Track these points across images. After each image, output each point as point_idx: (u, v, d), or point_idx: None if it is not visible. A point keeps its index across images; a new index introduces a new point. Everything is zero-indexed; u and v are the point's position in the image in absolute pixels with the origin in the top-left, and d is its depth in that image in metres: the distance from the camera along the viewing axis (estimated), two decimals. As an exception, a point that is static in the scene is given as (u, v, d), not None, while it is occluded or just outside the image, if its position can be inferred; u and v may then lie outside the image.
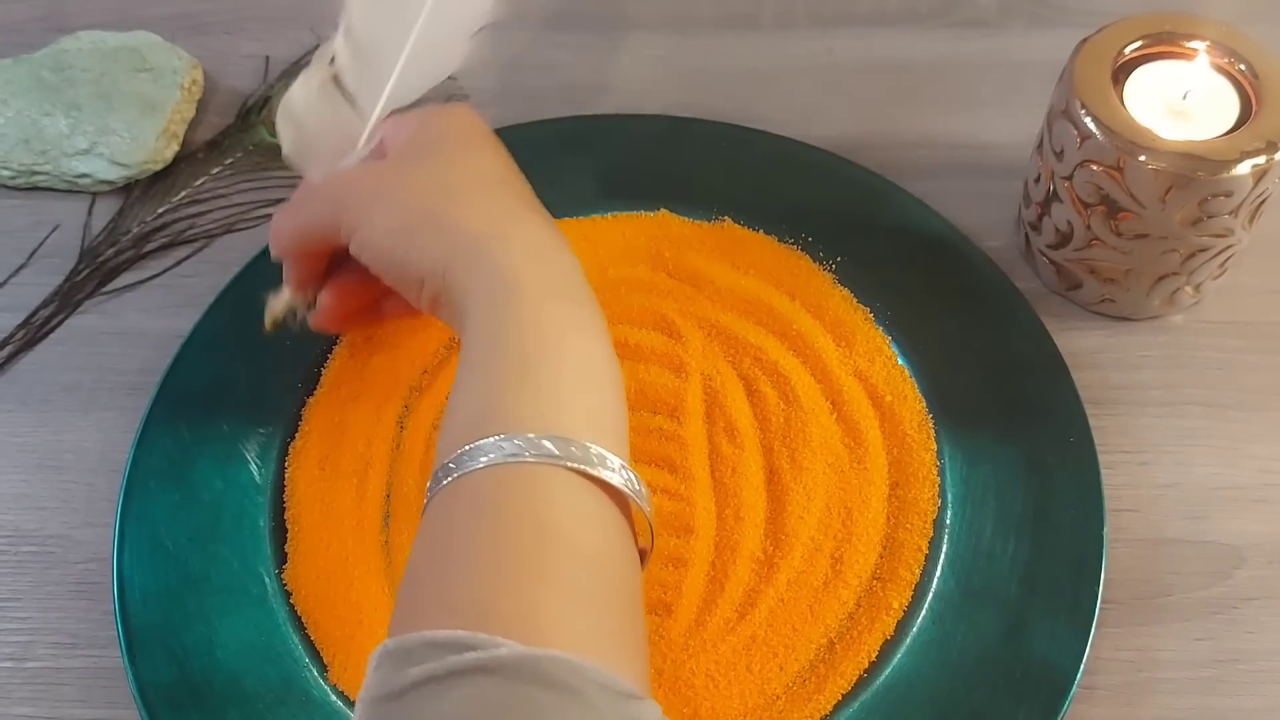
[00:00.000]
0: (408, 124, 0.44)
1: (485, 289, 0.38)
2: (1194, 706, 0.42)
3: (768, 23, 0.64)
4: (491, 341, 0.37)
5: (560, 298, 0.38)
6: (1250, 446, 0.48)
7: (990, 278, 0.50)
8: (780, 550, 0.44)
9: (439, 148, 0.43)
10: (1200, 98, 0.47)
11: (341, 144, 0.44)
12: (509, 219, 0.40)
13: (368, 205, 0.41)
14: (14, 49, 0.60)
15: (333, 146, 0.44)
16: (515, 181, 0.43)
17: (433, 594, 0.33)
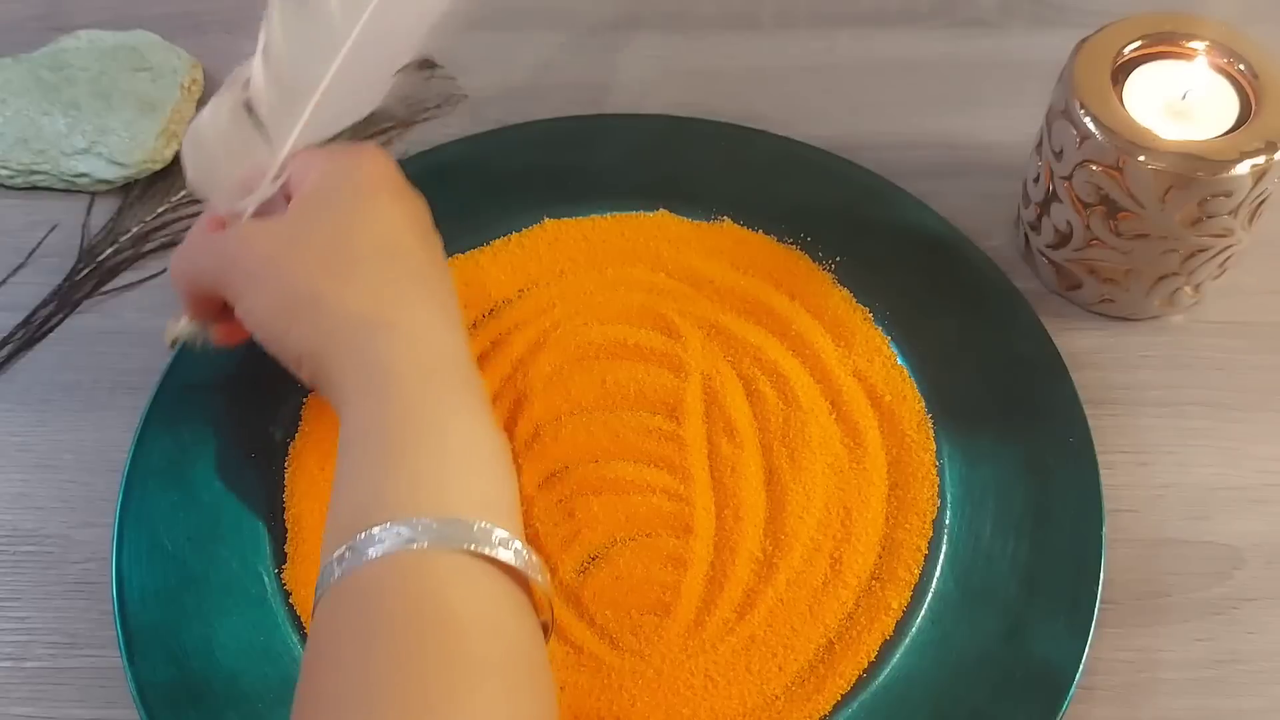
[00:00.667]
0: (315, 163, 0.42)
1: (363, 376, 0.38)
2: (1194, 707, 0.42)
3: (768, 23, 0.64)
4: (370, 430, 0.37)
5: (440, 381, 0.38)
6: (1250, 447, 0.48)
7: (990, 278, 0.50)
8: (779, 550, 0.44)
9: (339, 202, 0.41)
10: (1200, 98, 0.47)
11: (248, 177, 0.42)
12: (393, 301, 0.39)
13: (253, 277, 0.40)
14: (13, 48, 0.60)
15: (239, 179, 0.42)
16: (413, 246, 0.42)
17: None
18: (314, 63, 0.42)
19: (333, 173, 0.42)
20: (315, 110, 0.42)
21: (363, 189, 0.42)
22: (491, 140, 0.56)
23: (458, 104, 0.60)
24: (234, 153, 0.42)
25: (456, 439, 0.37)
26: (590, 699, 0.41)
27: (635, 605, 0.43)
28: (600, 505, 0.45)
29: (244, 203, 0.42)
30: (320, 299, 0.39)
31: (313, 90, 0.42)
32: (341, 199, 0.41)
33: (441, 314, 0.40)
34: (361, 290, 0.39)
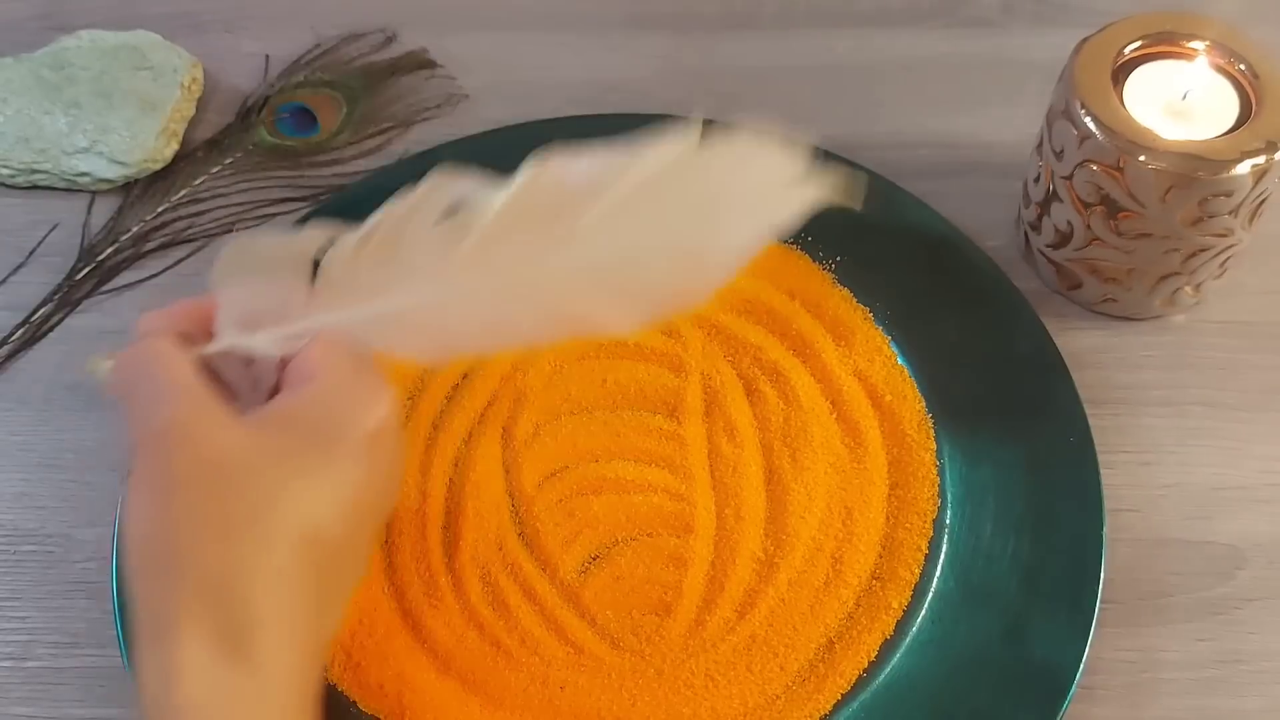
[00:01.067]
0: (329, 367, 0.35)
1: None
2: (1195, 707, 0.42)
3: (768, 23, 0.64)
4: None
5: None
6: (1252, 447, 0.48)
7: (990, 277, 0.50)
8: (780, 550, 0.44)
9: (308, 456, 0.33)
10: (1200, 98, 0.47)
11: (267, 312, 0.36)
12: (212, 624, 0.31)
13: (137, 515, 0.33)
14: (14, 48, 0.60)
15: (262, 307, 0.36)
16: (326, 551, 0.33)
17: None
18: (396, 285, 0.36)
19: (334, 402, 0.35)
20: (376, 319, 0.36)
21: (344, 444, 0.34)
22: (491, 140, 0.56)
23: (458, 104, 0.60)
24: (271, 291, 0.36)
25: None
26: (590, 699, 0.41)
27: (636, 605, 0.43)
28: (600, 505, 0.45)
29: (238, 340, 0.36)
30: (152, 632, 0.32)
31: (379, 300, 0.36)
32: (315, 448, 0.34)
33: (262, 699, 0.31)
34: (197, 651, 0.31)
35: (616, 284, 0.36)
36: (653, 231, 0.35)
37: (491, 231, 0.35)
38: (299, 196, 0.56)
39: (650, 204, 0.35)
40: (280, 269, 0.36)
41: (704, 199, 0.36)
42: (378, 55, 0.62)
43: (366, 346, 0.36)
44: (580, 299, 0.36)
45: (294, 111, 0.59)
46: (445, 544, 0.44)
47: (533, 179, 0.35)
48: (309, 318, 0.36)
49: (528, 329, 0.37)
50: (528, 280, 0.36)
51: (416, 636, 0.42)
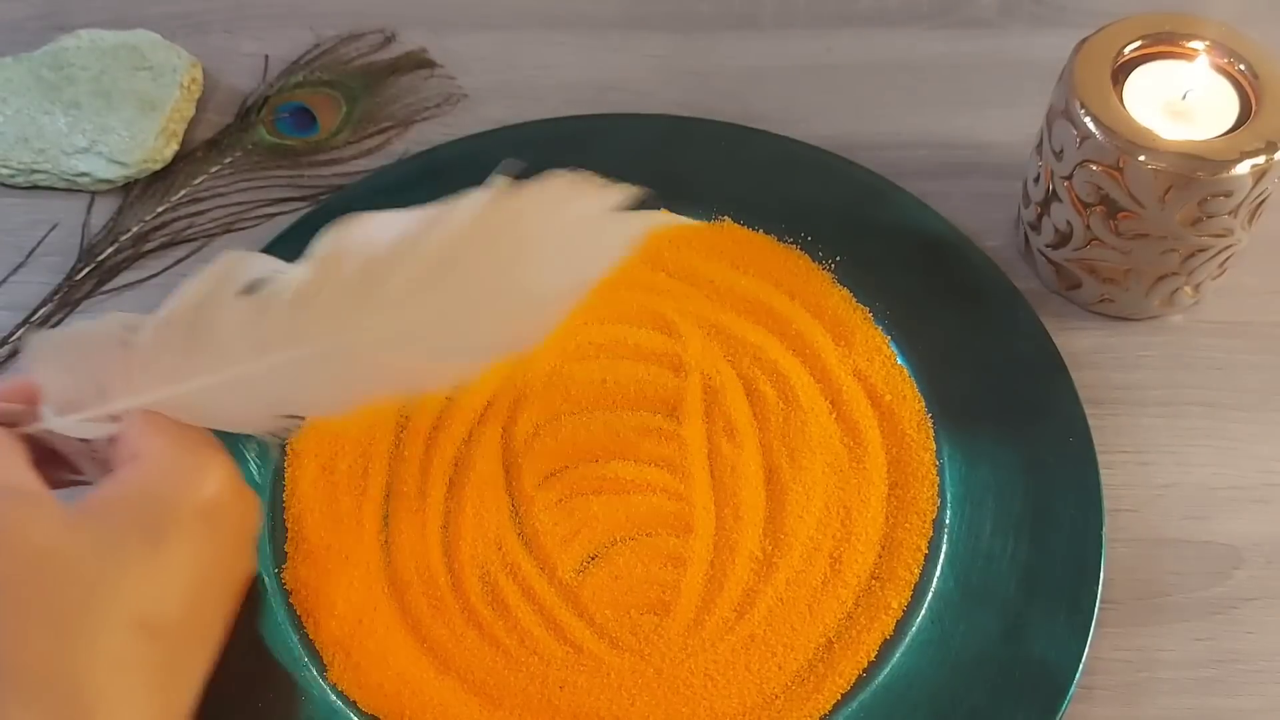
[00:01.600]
0: (154, 442, 0.35)
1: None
2: (1193, 707, 0.42)
3: (768, 23, 0.64)
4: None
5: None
6: (1250, 447, 0.48)
7: (990, 278, 0.50)
8: (779, 550, 0.44)
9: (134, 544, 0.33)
10: (1200, 98, 0.47)
11: (87, 394, 0.36)
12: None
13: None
14: (13, 47, 0.60)
15: (78, 388, 0.36)
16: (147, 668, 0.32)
17: None
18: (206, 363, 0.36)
19: (158, 480, 0.34)
20: (188, 395, 0.36)
21: (173, 524, 0.34)
22: (491, 140, 0.56)
23: (458, 104, 0.60)
24: (90, 371, 0.36)
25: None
26: (590, 699, 0.41)
27: (635, 605, 0.43)
28: (600, 505, 0.45)
29: (60, 422, 0.35)
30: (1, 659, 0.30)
31: (191, 378, 0.36)
32: (142, 531, 0.33)
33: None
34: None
35: (435, 342, 0.35)
36: (468, 285, 0.35)
37: (299, 300, 0.35)
38: (299, 196, 0.56)
39: (462, 257, 0.35)
40: (93, 353, 0.36)
41: (518, 246, 0.35)
42: (377, 55, 0.62)
43: (189, 420, 0.36)
44: (398, 361, 0.35)
45: (293, 111, 0.59)
46: (445, 544, 0.45)
47: (336, 244, 0.35)
48: (129, 396, 0.36)
49: (346, 394, 0.37)
50: (341, 346, 0.35)
51: (416, 636, 0.42)
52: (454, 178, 0.54)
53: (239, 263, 0.35)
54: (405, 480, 0.46)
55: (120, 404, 0.35)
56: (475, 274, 0.35)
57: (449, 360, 0.36)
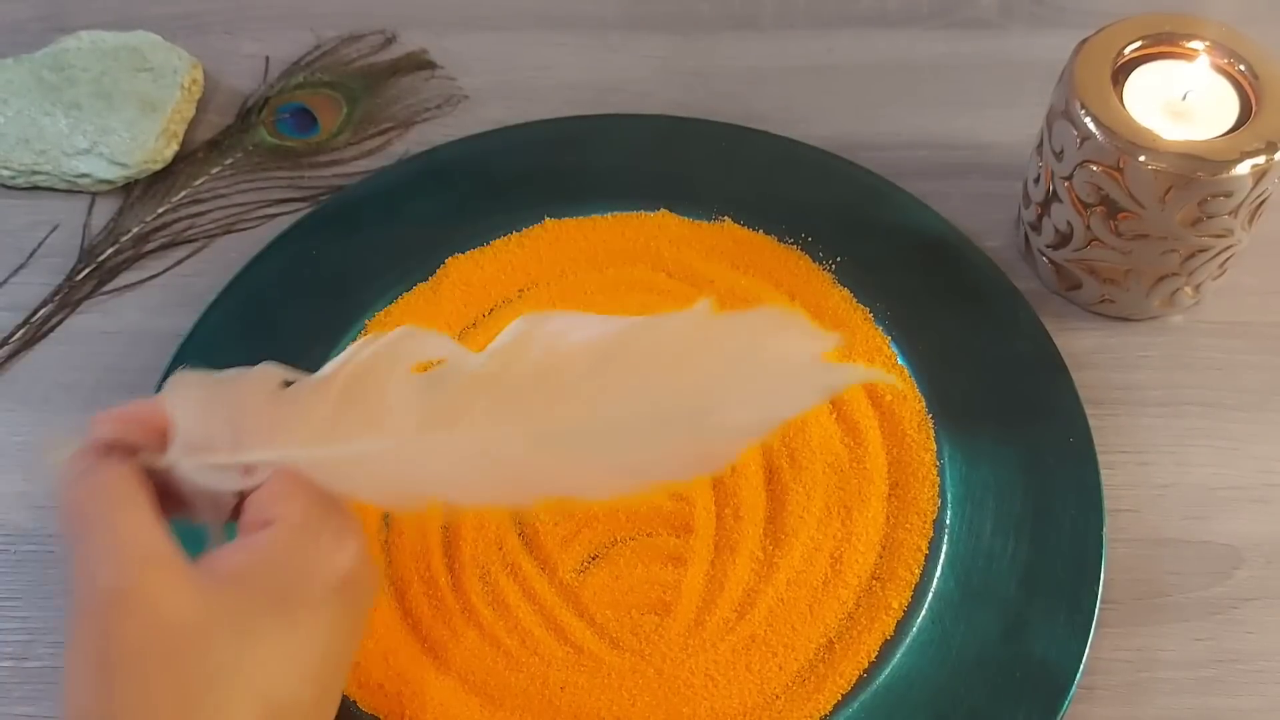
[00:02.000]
0: (294, 504, 0.33)
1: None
2: (1193, 706, 0.42)
3: (768, 23, 0.64)
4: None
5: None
6: (1249, 447, 0.48)
7: (990, 278, 0.50)
8: (780, 549, 0.44)
9: (268, 614, 0.31)
10: (1200, 98, 0.47)
11: (221, 439, 0.33)
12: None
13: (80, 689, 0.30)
14: (14, 49, 0.60)
15: (214, 431, 0.33)
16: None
17: None
18: (365, 431, 0.34)
19: (294, 552, 0.32)
20: (337, 460, 0.34)
21: (307, 601, 0.32)
22: (491, 140, 0.56)
23: (458, 104, 0.60)
24: (230, 416, 0.34)
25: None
26: (590, 699, 0.41)
27: (635, 604, 0.43)
28: (599, 504, 0.45)
29: (190, 462, 0.33)
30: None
31: (346, 444, 0.34)
32: (276, 608, 0.31)
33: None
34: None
35: (605, 453, 0.33)
36: (652, 401, 0.33)
37: (475, 383, 0.33)
38: (299, 197, 0.56)
39: (652, 372, 0.33)
40: (237, 398, 0.34)
41: (713, 372, 0.33)
42: (377, 56, 0.62)
43: (328, 487, 0.34)
44: (564, 464, 0.33)
45: (294, 112, 0.60)
46: (445, 544, 0.45)
47: (522, 335, 0.33)
48: (268, 449, 0.33)
49: (503, 489, 0.34)
50: (508, 438, 0.33)
51: (416, 636, 0.42)
52: (454, 178, 0.55)
53: (416, 338, 0.34)
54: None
55: (257, 455, 0.33)
56: (663, 392, 0.33)
57: (613, 474, 0.34)
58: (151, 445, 0.33)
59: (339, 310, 0.50)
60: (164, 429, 0.33)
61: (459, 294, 0.51)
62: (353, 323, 0.50)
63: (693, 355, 0.33)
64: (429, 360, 0.34)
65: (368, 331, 0.50)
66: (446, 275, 0.51)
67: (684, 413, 0.33)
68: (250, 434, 0.33)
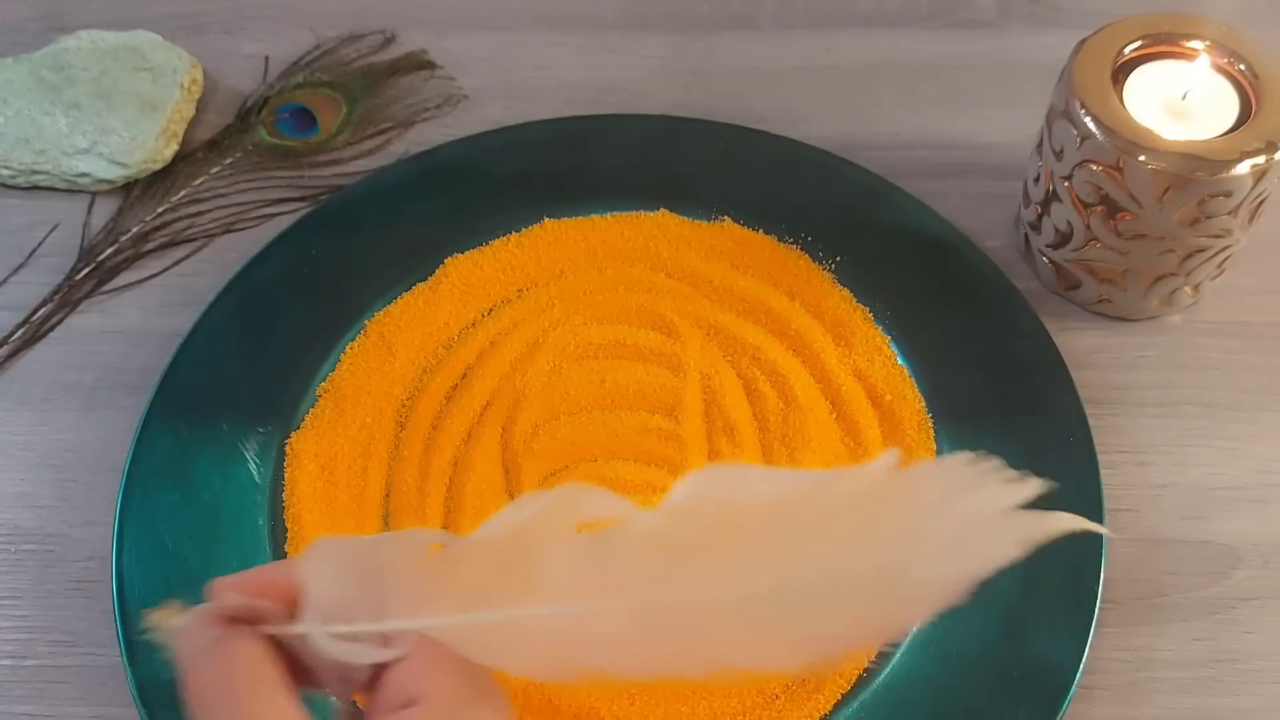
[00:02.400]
0: (436, 677, 0.30)
1: None
2: (1192, 706, 0.42)
3: (767, 23, 0.64)
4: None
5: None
6: (1248, 447, 0.48)
7: (990, 278, 0.51)
8: (779, 550, 0.44)
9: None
10: (1200, 98, 0.47)
11: (360, 608, 0.31)
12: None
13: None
14: (14, 48, 0.60)
15: (352, 599, 0.31)
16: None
17: None
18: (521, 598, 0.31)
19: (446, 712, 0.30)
20: (491, 628, 0.31)
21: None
22: (491, 140, 0.56)
23: (458, 104, 0.60)
24: (370, 582, 0.31)
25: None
26: (590, 698, 0.41)
27: (635, 604, 0.43)
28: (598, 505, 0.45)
29: (327, 638, 0.30)
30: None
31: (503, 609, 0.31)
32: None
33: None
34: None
35: (788, 619, 0.30)
36: (841, 559, 0.30)
37: (647, 544, 0.30)
38: (299, 197, 0.56)
39: (842, 529, 0.30)
40: (382, 565, 0.31)
41: (905, 527, 0.30)
42: (377, 56, 0.62)
43: (475, 655, 0.31)
44: (743, 633, 0.30)
45: (294, 112, 0.60)
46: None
47: (698, 491, 0.30)
48: (411, 618, 0.30)
49: (672, 659, 0.30)
50: (679, 605, 0.30)
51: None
52: (454, 178, 0.55)
53: (582, 495, 0.31)
54: (405, 480, 0.46)
55: (398, 624, 0.30)
56: (852, 549, 0.30)
57: (796, 642, 0.30)
58: (279, 614, 0.31)
59: (338, 310, 0.50)
60: (293, 596, 0.31)
61: (458, 294, 0.51)
62: (352, 323, 0.50)
63: (884, 510, 0.30)
64: (596, 519, 0.31)
65: (367, 332, 0.50)
66: (446, 275, 0.51)
67: (873, 573, 0.30)
68: (393, 602, 0.31)
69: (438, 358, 0.49)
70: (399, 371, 0.49)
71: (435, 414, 0.48)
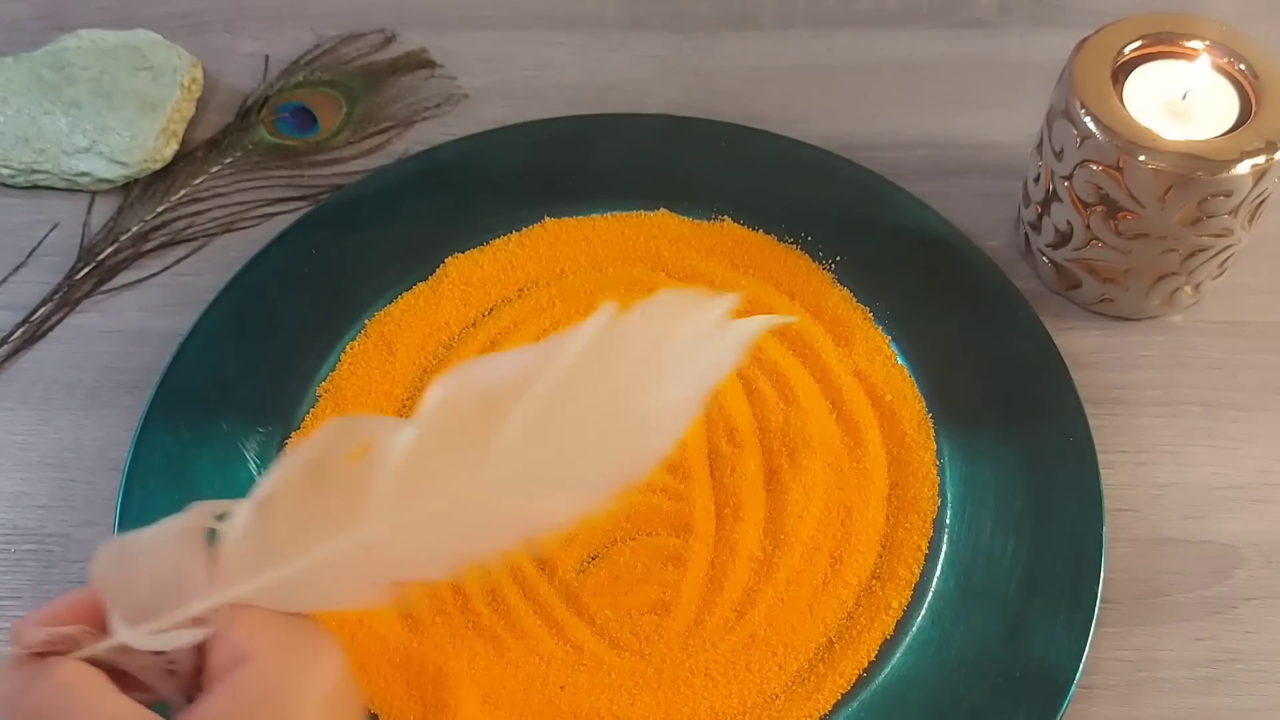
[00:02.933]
0: (256, 639, 0.31)
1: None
2: (1193, 706, 0.42)
3: (767, 23, 0.64)
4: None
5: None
6: (1249, 446, 0.48)
7: (990, 277, 0.51)
8: (779, 550, 0.44)
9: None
10: (1200, 98, 0.47)
11: (159, 600, 0.32)
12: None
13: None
14: (14, 47, 0.60)
15: (148, 594, 0.32)
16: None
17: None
18: (313, 540, 0.32)
19: (277, 682, 0.31)
20: (292, 578, 0.32)
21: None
22: (491, 140, 0.56)
23: (458, 104, 0.60)
24: (164, 573, 0.32)
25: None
26: (590, 698, 0.41)
27: (635, 604, 0.43)
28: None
29: (141, 635, 0.31)
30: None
31: (298, 558, 0.32)
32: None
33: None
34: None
35: (558, 478, 0.33)
36: (587, 414, 0.33)
37: (415, 456, 0.32)
38: (299, 196, 0.56)
39: (578, 387, 0.33)
40: (167, 552, 0.32)
41: (633, 368, 0.34)
42: (377, 55, 0.62)
43: (291, 608, 0.33)
44: (525, 502, 0.33)
45: (294, 111, 0.60)
46: (445, 543, 0.45)
47: (447, 392, 0.32)
48: (214, 594, 0.31)
49: (473, 547, 0.33)
50: (462, 496, 0.32)
51: (416, 636, 0.42)
52: (454, 178, 0.55)
53: (346, 427, 0.33)
54: (405, 480, 0.46)
55: (203, 604, 0.31)
56: (593, 402, 0.33)
57: (576, 495, 0.33)
58: (90, 636, 0.32)
59: (338, 310, 0.50)
60: (97, 615, 0.32)
61: (458, 294, 0.51)
62: (352, 322, 0.50)
63: (610, 359, 0.33)
64: (360, 446, 0.32)
65: (368, 331, 0.50)
66: (446, 275, 0.51)
67: (620, 413, 0.33)
68: (191, 584, 0.32)
69: (438, 357, 0.49)
70: (399, 371, 0.49)
71: (435, 414, 0.48)
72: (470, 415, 0.32)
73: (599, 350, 0.33)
